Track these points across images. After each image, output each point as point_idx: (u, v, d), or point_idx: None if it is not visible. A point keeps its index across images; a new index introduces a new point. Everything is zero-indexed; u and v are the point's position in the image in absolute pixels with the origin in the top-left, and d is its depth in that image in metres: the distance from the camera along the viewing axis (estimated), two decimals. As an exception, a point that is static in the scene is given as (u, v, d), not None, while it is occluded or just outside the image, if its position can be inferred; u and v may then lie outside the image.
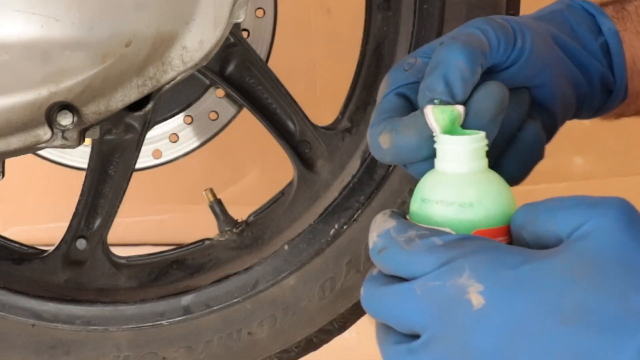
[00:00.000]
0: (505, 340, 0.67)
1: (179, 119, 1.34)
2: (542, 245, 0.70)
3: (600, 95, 0.92)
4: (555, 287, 0.66)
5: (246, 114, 1.27)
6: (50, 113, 1.00)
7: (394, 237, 0.72)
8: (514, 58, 0.84)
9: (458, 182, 0.74)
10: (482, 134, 0.76)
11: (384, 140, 0.80)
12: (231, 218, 1.27)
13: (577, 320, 0.65)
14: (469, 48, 0.79)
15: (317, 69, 2.12)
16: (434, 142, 0.77)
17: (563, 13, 0.91)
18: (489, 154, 0.76)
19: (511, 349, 0.66)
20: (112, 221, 1.23)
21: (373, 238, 0.73)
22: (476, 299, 0.67)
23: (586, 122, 0.99)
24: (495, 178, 0.75)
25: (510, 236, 0.73)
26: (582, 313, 0.65)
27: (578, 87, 0.90)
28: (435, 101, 0.79)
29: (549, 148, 0.91)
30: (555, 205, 0.71)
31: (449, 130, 0.77)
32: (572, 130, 2.14)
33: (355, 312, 1.21)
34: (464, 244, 0.69)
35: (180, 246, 1.28)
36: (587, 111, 0.93)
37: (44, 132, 1.01)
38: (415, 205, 0.75)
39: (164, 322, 1.19)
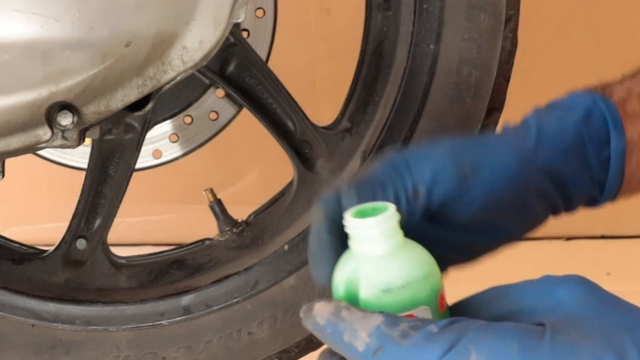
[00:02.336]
0: None
1: (179, 119, 1.34)
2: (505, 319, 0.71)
3: (578, 204, 0.91)
4: (561, 354, 0.66)
5: (246, 114, 1.27)
6: (50, 113, 1.00)
7: (387, 334, 0.68)
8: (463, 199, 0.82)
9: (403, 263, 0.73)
10: (392, 208, 0.74)
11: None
12: (231, 218, 1.27)
13: None
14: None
15: (317, 69, 2.12)
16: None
17: (578, 128, 0.88)
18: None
19: None
20: (112, 221, 1.23)
21: (363, 339, 0.68)
22: None
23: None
24: (415, 248, 0.74)
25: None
26: None
27: (545, 205, 0.88)
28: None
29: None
30: (523, 285, 0.72)
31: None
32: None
33: (355, 312, 1.21)
34: (458, 326, 0.68)
35: (180, 246, 1.28)
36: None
37: (44, 132, 1.01)
38: (371, 295, 0.72)
39: (164, 322, 1.19)
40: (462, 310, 0.73)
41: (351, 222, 0.74)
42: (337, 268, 0.74)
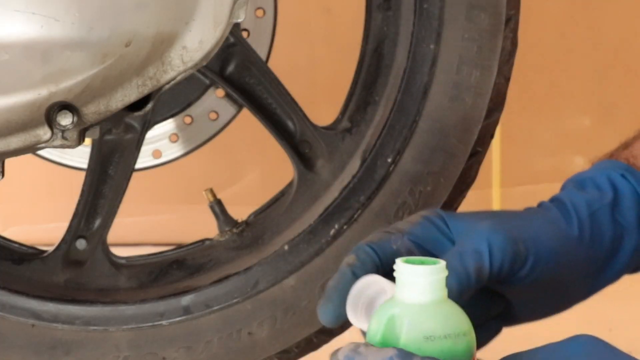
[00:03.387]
0: None
1: (179, 119, 1.34)
2: None
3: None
4: None
5: (246, 114, 1.27)
6: (50, 113, 1.00)
7: None
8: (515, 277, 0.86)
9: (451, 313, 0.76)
10: (443, 263, 0.76)
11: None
12: (231, 218, 1.27)
13: None
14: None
15: (317, 69, 2.12)
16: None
17: (611, 209, 0.91)
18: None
19: None
20: (112, 221, 1.23)
21: None
22: None
23: (586, 122, 0.99)
24: (456, 306, 0.76)
25: None
26: None
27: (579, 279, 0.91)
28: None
29: (550, 148, 0.91)
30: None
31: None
32: (573, 130, 2.14)
33: (355, 312, 1.20)
34: None
35: (180, 246, 1.28)
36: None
37: (44, 132, 1.01)
38: (412, 340, 0.74)
39: (164, 322, 1.19)
40: None
41: (403, 268, 0.76)
42: (376, 312, 0.76)
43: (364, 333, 0.78)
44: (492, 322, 0.90)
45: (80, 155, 1.33)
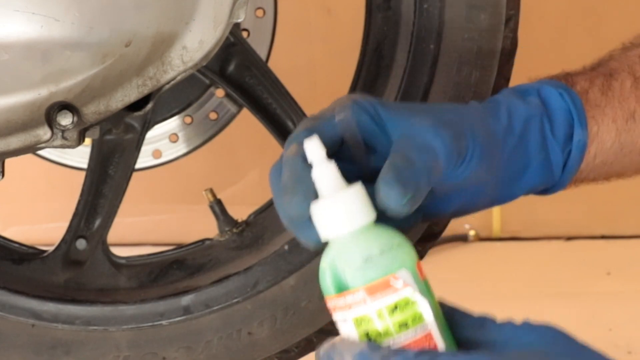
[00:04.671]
0: None
1: (179, 119, 1.34)
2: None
3: (530, 193, 0.94)
4: None
5: (246, 114, 1.27)
6: (50, 113, 1.00)
7: (369, 357, 0.73)
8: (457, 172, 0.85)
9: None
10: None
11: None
12: (231, 218, 1.27)
13: None
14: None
15: (317, 69, 2.12)
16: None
17: (542, 121, 0.91)
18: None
19: None
20: (112, 221, 1.23)
21: None
22: None
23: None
24: (382, 224, 0.78)
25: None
26: None
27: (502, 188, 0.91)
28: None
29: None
30: (506, 322, 0.76)
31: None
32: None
33: (355, 312, 1.20)
34: (430, 355, 0.72)
35: (180, 246, 1.28)
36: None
37: (44, 132, 1.01)
38: (355, 267, 0.76)
39: (164, 322, 1.19)
40: (446, 315, 0.77)
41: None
42: (320, 267, 0.78)
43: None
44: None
45: (80, 155, 1.33)
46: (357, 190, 0.77)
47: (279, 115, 1.23)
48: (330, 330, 1.20)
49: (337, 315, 0.77)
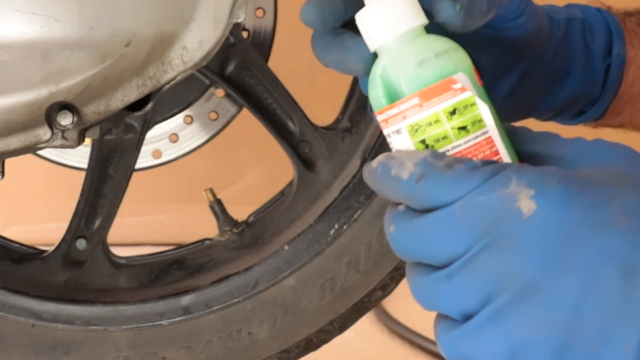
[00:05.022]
0: (560, 246, 0.64)
1: (179, 119, 1.34)
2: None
3: (571, 110, 0.93)
4: (602, 192, 0.65)
5: (246, 114, 1.27)
6: (50, 113, 1.00)
7: (432, 164, 0.67)
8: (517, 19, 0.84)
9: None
10: None
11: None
12: (231, 218, 1.27)
13: (625, 223, 0.64)
14: None
15: (317, 69, 2.11)
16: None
17: (583, 26, 0.91)
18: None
19: (567, 254, 0.64)
20: (112, 221, 1.23)
21: (409, 168, 0.68)
22: (527, 206, 0.64)
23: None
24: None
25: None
26: (628, 216, 0.64)
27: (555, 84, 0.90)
28: None
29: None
30: (575, 138, 0.72)
31: None
32: (572, 130, 2.14)
33: (355, 312, 1.21)
34: (501, 164, 0.67)
35: (180, 246, 1.28)
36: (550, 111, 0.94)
37: (44, 132, 1.01)
38: (409, 71, 0.71)
39: (164, 322, 1.19)
40: (507, 130, 0.73)
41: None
42: (370, 82, 0.73)
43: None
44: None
45: (80, 155, 1.33)
46: None
47: (279, 115, 1.23)
48: (330, 330, 1.20)
49: (390, 128, 0.72)
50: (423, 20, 0.73)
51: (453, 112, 0.70)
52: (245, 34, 1.32)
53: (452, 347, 0.66)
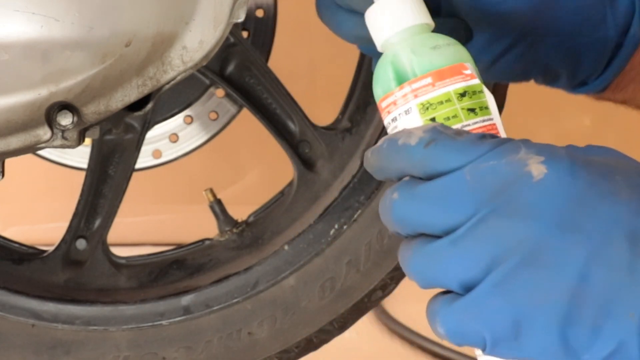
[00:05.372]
0: (569, 211, 0.64)
1: (179, 119, 1.34)
2: None
3: (594, 59, 0.93)
4: (605, 168, 0.66)
5: (246, 114, 1.27)
6: (50, 113, 0.99)
7: (442, 131, 0.68)
8: None
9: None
10: None
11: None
12: (231, 218, 1.27)
13: (629, 194, 0.64)
14: None
15: (317, 69, 2.12)
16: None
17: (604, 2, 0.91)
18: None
19: (575, 219, 0.63)
20: (112, 221, 1.23)
21: (418, 134, 0.67)
22: (537, 169, 0.64)
23: (586, 122, 1.00)
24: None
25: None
26: (631, 189, 0.64)
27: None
28: None
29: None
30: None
31: None
32: (573, 130, 2.14)
33: (355, 312, 1.21)
34: (511, 138, 0.68)
35: (180, 246, 1.28)
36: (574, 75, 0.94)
37: (44, 132, 1.01)
38: (422, 54, 0.74)
39: (164, 322, 1.19)
40: None
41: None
42: (378, 66, 0.76)
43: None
44: None
45: (80, 155, 1.33)
46: None
47: (279, 115, 1.23)
48: (330, 330, 1.20)
49: (398, 110, 0.73)
50: (429, 20, 0.76)
51: (463, 94, 0.72)
52: (245, 34, 1.32)
53: (452, 320, 0.66)
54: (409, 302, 0.72)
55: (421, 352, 1.79)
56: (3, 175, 1.08)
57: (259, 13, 1.33)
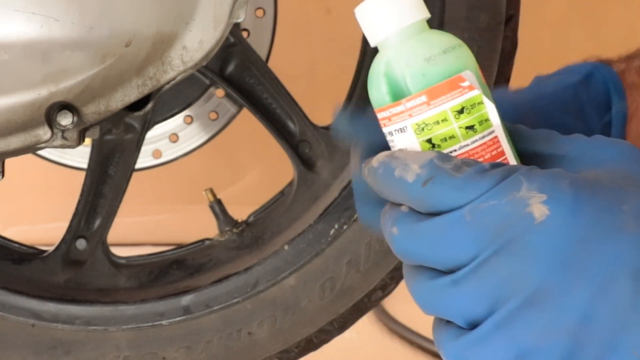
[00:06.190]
0: (572, 252, 0.62)
1: (179, 119, 1.34)
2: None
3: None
4: (612, 196, 0.64)
5: (246, 114, 1.27)
6: (50, 113, 0.99)
7: (439, 166, 0.66)
8: None
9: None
10: None
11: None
12: (231, 218, 1.27)
13: (636, 228, 0.63)
14: None
15: (317, 69, 2.12)
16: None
17: (576, 90, 0.91)
18: None
19: (578, 260, 0.62)
20: (112, 221, 1.23)
21: (414, 170, 0.66)
22: (539, 210, 0.63)
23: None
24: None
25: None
26: (638, 220, 0.63)
27: None
28: None
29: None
30: (576, 135, 0.71)
31: None
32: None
33: (355, 312, 1.21)
34: (510, 167, 0.66)
35: (180, 246, 1.28)
36: None
37: (44, 132, 1.01)
38: (415, 68, 0.69)
39: (164, 322, 1.19)
40: (510, 132, 0.72)
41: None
42: (370, 76, 0.72)
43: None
44: None
45: (80, 155, 1.33)
46: None
47: (279, 115, 1.23)
48: (330, 330, 1.20)
49: (393, 126, 0.71)
50: (426, 14, 0.72)
51: (461, 111, 0.69)
52: (245, 34, 1.32)
53: (456, 355, 0.65)
54: (409, 302, 0.71)
55: (421, 352, 1.79)
56: (3, 175, 1.08)
57: (259, 13, 1.33)
